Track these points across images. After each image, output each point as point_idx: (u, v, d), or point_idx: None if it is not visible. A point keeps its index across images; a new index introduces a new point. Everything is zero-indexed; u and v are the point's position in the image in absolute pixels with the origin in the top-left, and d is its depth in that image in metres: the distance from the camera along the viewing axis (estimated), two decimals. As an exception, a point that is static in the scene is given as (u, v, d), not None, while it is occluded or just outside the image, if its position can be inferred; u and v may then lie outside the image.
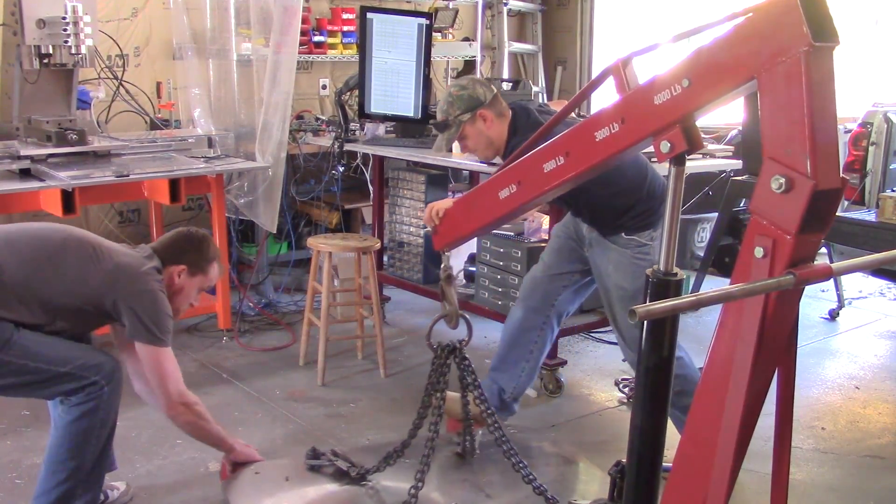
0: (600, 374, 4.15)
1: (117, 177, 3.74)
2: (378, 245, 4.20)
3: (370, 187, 5.08)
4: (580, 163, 1.78)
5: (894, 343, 4.72)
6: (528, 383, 3.28)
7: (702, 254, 5.46)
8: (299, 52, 4.55)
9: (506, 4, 6.59)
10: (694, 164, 4.17)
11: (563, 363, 3.89)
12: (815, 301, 5.21)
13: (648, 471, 1.73)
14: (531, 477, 2.54)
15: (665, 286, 1.67)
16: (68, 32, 3.69)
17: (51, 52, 3.80)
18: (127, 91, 4.59)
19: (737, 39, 1.46)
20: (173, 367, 2.61)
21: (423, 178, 4.47)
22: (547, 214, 3.90)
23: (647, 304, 1.34)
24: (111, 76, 4.54)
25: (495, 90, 3.10)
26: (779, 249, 1.39)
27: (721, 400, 1.49)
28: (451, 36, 6.08)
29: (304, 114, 5.29)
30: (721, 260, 5.67)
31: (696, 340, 4.69)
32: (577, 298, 3.28)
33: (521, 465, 2.56)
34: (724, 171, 4.97)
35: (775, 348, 1.51)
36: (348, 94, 4.75)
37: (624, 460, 1.87)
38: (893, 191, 4.35)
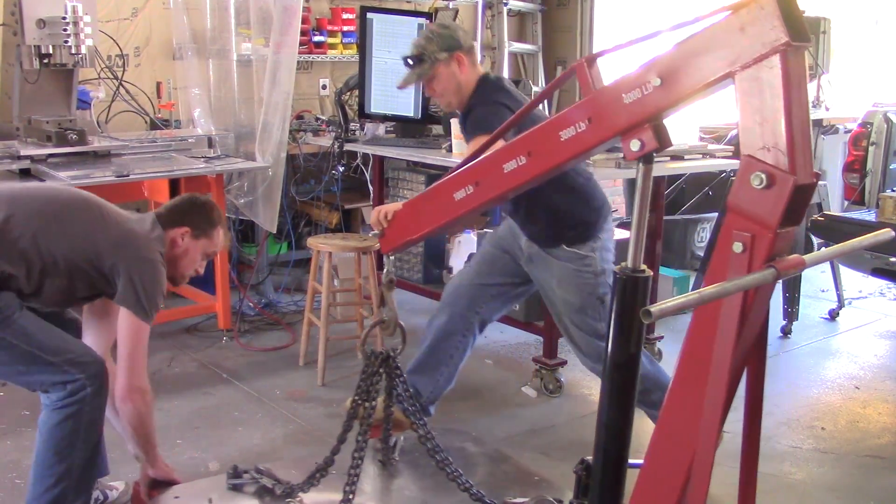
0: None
1: (117, 177, 3.74)
2: (378, 245, 4.19)
3: (370, 187, 5.08)
4: (543, 163, 1.75)
5: (894, 343, 4.72)
6: (446, 387, 3.19)
7: (702, 254, 5.46)
8: (299, 52, 4.55)
9: (506, 4, 6.59)
10: (694, 164, 4.17)
11: (563, 363, 3.88)
12: (815, 301, 5.21)
13: (615, 467, 1.73)
14: (468, 484, 2.47)
15: (634, 283, 1.68)
16: (68, 32, 3.69)
17: (51, 52, 3.81)
18: (127, 91, 4.59)
19: (714, 39, 1.46)
20: (145, 348, 2.55)
21: (423, 178, 4.47)
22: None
23: (659, 303, 1.34)
24: (111, 76, 4.54)
25: (473, 43, 3.02)
26: (758, 244, 1.40)
27: (696, 394, 1.49)
28: (451, 36, 6.07)
29: (304, 114, 5.29)
30: (721, 260, 5.67)
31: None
32: (503, 308, 3.23)
33: (455, 473, 2.48)
34: (724, 171, 4.97)
35: (749, 344, 1.53)
36: (348, 94, 4.75)
37: (589, 458, 1.87)
38: (893, 191, 4.35)
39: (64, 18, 3.68)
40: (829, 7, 5.45)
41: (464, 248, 4.42)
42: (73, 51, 3.75)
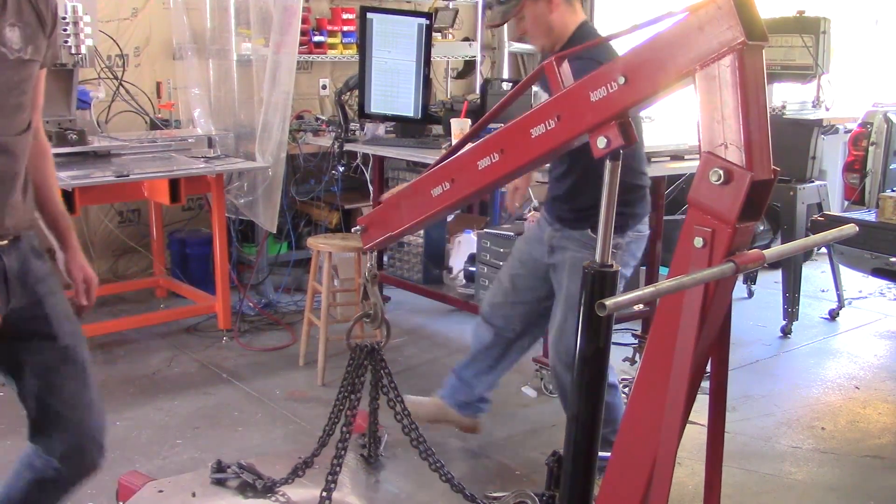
0: (600, 374, 4.14)
1: (117, 177, 3.75)
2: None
3: (370, 187, 5.08)
4: (515, 160, 1.79)
5: (894, 343, 4.72)
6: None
7: (702, 254, 5.45)
8: (299, 52, 4.55)
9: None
10: (694, 164, 4.14)
11: (563, 363, 3.88)
12: (815, 301, 5.21)
13: (585, 459, 1.77)
14: (449, 475, 2.49)
15: (602, 277, 1.72)
16: (68, 32, 3.70)
17: (51, 51, 3.81)
18: (127, 91, 4.59)
19: (674, 38, 1.49)
20: None
21: (423, 178, 4.47)
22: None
23: (614, 297, 1.38)
24: (111, 76, 4.54)
25: None
26: (718, 239, 1.43)
27: (660, 386, 1.52)
28: (451, 36, 6.08)
29: (304, 114, 5.29)
30: (721, 260, 5.67)
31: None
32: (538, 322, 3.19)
33: (438, 464, 2.50)
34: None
35: (711, 336, 1.56)
36: (348, 94, 4.75)
37: (560, 450, 1.90)
38: (893, 191, 4.35)
39: (64, 18, 3.68)
40: (829, 7, 5.45)
41: (464, 248, 4.41)
42: (73, 51, 3.76)
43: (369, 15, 4.50)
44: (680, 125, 4.07)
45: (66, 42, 3.72)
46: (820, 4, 5.42)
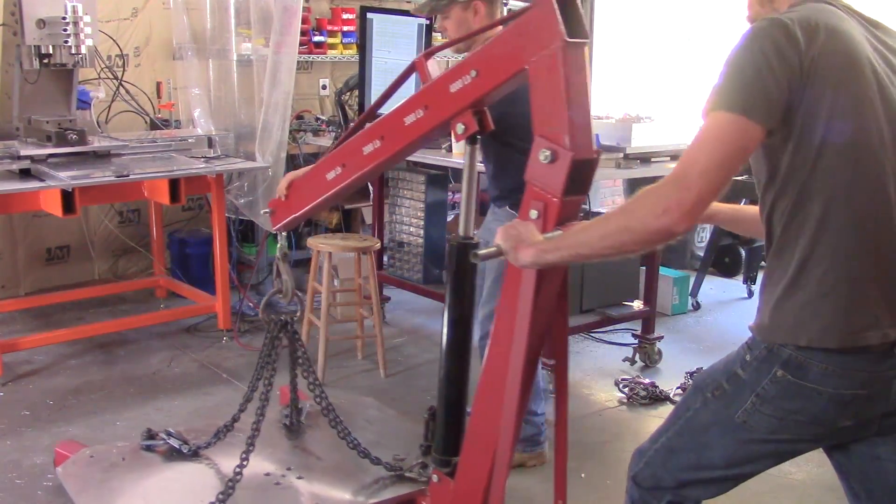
0: (600, 374, 4.15)
1: (117, 177, 3.74)
2: (378, 245, 4.20)
3: (370, 187, 5.08)
4: (393, 145, 2.02)
5: (894, 343, 4.71)
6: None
7: (702, 254, 5.46)
8: (299, 52, 4.55)
9: (506, 4, 6.58)
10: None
11: (563, 363, 3.88)
12: (815, 301, 5.20)
13: (456, 412, 1.99)
14: (356, 442, 2.74)
15: (464, 248, 1.96)
16: (68, 32, 3.69)
17: (51, 52, 3.81)
18: (127, 91, 4.59)
19: (511, 37, 1.72)
20: None
21: (423, 178, 4.47)
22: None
23: (481, 250, 1.68)
24: (111, 76, 4.54)
25: None
26: (549, 210, 1.64)
27: (508, 350, 1.73)
28: (451, 36, 6.08)
29: (304, 114, 5.29)
30: (721, 260, 5.67)
31: (696, 340, 4.70)
32: None
33: (345, 432, 2.75)
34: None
35: (549, 303, 1.77)
36: (348, 94, 4.75)
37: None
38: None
39: (64, 18, 3.68)
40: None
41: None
42: (73, 51, 3.75)
43: (369, 15, 4.50)
44: (680, 125, 4.07)
45: (66, 42, 3.72)
46: (820, 4, 5.42)
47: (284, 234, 2.60)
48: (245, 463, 2.52)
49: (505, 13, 3.18)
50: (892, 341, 1.58)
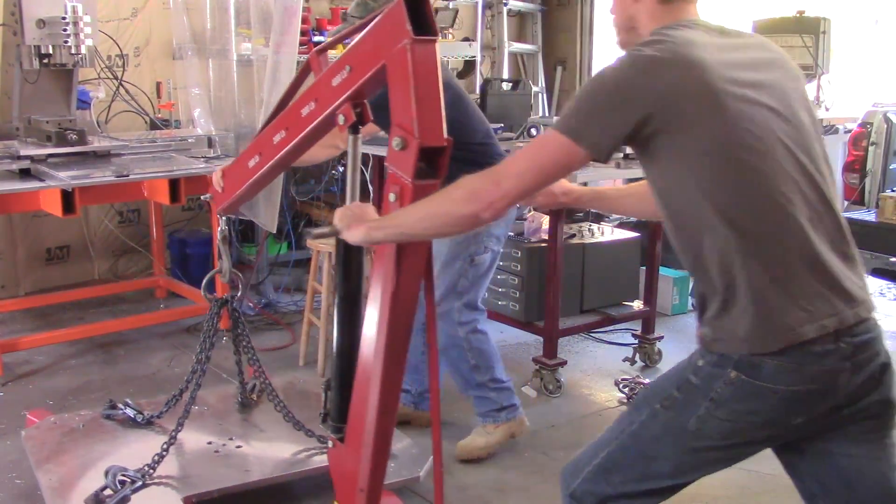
0: (600, 374, 4.15)
1: (117, 177, 3.74)
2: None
3: (370, 187, 5.08)
4: (294, 135, 2.15)
5: (894, 343, 4.71)
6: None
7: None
8: (299, 52, 4.55)
9: (506, 4, 6.59)
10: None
11: (563, 363, 3.88)
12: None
13: (346, 382, 2.11)
14: (291, 415, 2.97)
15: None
16: (68, 32, 3.69)
17: (51, 52, 3.81)
18: (127, 91, 4.59)
19: (371, 35, 1.85)
20: None
21: (423, 178, 4.47)
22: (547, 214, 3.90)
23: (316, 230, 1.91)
24: (111, 76, 4.54)
25: None
26: (404, 193, 1.78)
27: (381, 313, 1.90)
28: (451, 36, 6.08)
29: (304, 114, 5.27)
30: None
31: (695, 340, 4.69)
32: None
33: (283, 409, 2.97)
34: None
35: (416, 266, 1.91)
36: (348, 94, 4.73)
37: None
38: (893, 191, 4.35)
39: (64, 18, 3.68)
40: (829, 7, 5.45)
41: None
42: (73, 51, 3.75)
43: (369, 15, 4.50)
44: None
45: (66, 42, 3.72)
46: (820, 4, 5.43)
47: (224, 218, 2.80)
48: (180, 428, 2.80)
49: (506, 14, 3.18)
50: (833, 331, 1.61)
